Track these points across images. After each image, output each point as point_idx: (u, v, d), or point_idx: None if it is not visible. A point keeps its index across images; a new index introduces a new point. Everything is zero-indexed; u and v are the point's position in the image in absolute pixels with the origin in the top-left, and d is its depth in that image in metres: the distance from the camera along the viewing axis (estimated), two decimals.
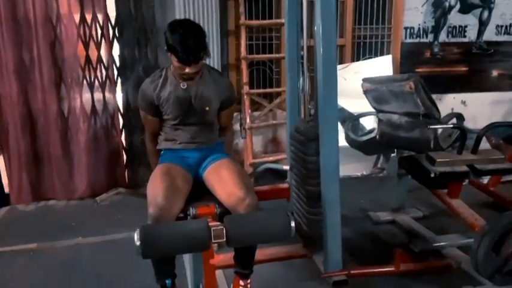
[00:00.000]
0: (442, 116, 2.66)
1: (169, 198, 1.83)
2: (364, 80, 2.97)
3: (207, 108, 2.05)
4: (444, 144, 2.72)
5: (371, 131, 3.23)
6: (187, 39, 1.84)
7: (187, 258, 2.22)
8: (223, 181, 1.94)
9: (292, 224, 1.72)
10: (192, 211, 1.87)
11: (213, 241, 1.61)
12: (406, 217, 3.11)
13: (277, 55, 4.11)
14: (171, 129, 2.13)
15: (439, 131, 2.68)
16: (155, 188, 1.88)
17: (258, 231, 1.74)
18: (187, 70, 1.92)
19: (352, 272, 2.31)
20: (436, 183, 2.52)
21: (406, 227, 3.00)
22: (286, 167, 2.59)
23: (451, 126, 2.61)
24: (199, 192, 2.03)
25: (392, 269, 2.36)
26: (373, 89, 2.91)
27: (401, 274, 2.37)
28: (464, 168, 2.44)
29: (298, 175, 2.51)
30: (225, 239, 1.63)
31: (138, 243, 1.58)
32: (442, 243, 2.65)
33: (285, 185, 2.92)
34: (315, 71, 2.24)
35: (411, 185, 3.10)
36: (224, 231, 1.63)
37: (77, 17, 3.54)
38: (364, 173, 4.17)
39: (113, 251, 2.83)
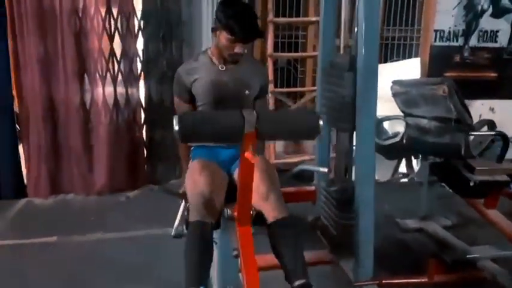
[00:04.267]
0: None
1: (213, 192, 1.78)
2: (394, 82, 2.90)
3: (246, 92, 1.96)
4: (475, 151, 2.63)
5: (395, 135, 3.15)
6: (245, 15, 1.82)
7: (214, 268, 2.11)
8: None
9: (321, 122, 1.57)
10: (226, 212, 1.80)
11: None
12: (435, 225, 3.00)
13: (303, 54, 4.03)
14: None
15: (471, 137, 2.59)
16: (197, 181, 1.80)
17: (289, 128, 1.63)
18: (236, 49, 1.86)
19: (384, 281, 2.24)
20: (474, 192, 2.43)
21: (435, 236, 2.90)
22: (324, 169, 2.47)
23: (493, 133, 2.52)
24: (233, 191, 1.94)
25: (426, 279, 2.27)
26: (403, 92, 2.84)
27: (435, 285, 2.28)
28: (505, 177, 2.35)
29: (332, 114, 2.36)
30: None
31: (176, 127, 1.46)
32: (476, 255, 2.55)
33: (312, 188, 2.85)
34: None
35: (438, 193, 3.02)
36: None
37: (103, 9, 3.50)
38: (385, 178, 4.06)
39: (134, 248, 2.77)
